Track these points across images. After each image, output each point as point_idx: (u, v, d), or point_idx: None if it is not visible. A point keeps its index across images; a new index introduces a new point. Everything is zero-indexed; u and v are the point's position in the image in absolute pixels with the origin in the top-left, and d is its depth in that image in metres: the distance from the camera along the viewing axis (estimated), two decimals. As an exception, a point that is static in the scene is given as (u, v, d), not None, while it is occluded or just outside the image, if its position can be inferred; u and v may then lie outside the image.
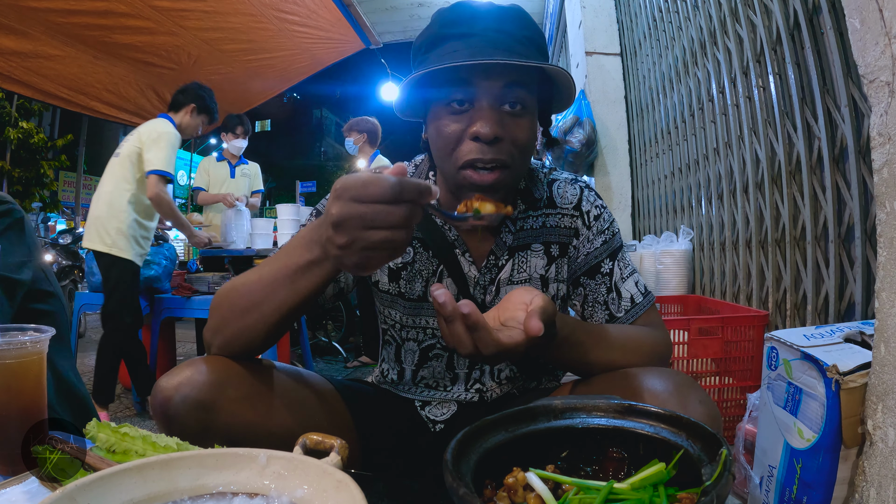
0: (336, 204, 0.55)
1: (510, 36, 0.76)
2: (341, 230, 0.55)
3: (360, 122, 3.68)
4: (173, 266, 2.91)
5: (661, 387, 0.68)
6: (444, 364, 0.92)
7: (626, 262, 0.90)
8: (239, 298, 0.72)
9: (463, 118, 0.77)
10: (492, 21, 0.77)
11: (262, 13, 3.87)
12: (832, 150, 1.34)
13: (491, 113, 0.75)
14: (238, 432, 0.69)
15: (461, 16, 0.78)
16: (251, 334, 0.72)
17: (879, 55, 0.79)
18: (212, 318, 0.75)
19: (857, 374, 0.86)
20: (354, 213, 0.54)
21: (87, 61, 4.07)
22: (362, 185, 0.54)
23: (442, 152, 0.80)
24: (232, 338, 0.73)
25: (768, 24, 1.60)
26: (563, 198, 0.91)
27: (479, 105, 0.76)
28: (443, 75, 0.75)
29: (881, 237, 0.81)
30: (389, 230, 0.55)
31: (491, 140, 0.75)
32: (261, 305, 0.70)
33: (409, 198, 0.55)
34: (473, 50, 0.74)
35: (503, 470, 0.48)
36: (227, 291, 0.75)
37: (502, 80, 0.75)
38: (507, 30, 0.77)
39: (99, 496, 0.39)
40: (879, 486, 0.81)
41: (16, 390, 0.65)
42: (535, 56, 0.78)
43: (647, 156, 2.99)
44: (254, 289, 0.71)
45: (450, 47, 0.77)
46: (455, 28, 0.77)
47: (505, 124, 0.76)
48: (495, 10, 0.78)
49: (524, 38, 0.77)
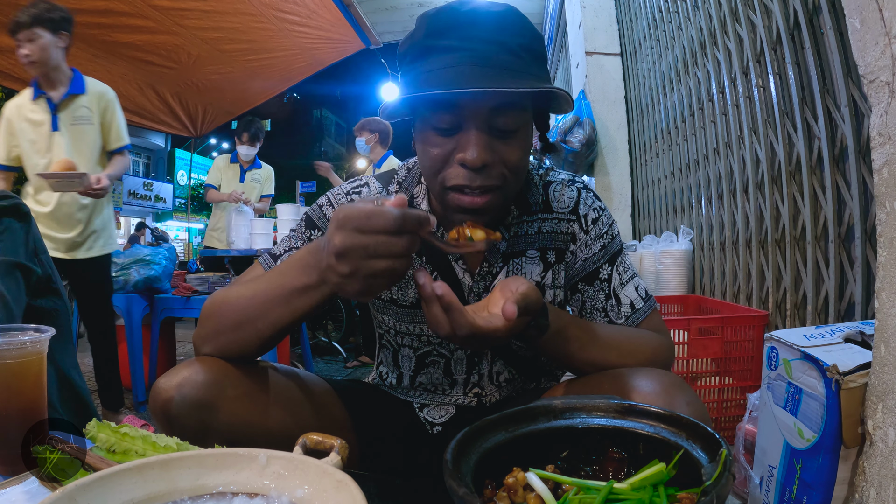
0: (339, 234, 0.56)
1: (502, 47, 0.71)
2: (344, 260, 0.56)
3: (371, 121, 3.64)
4: (173, 266, 2.91)
5: (649, 387, 0.68)
6: (441, 370, 0.91)
7: (625, 265, 0.87)
8: (232, 313, 0.72)
9: (450, 140, 0.73)
10: (482, 31, 0.71)
11: (262, 13, 3.87)
12: (832, 150, 1.34)
13: (479, 138, 0.71)
14: (238, 432, 0.69)
15: (447, 24, 0.72)
16: (245, 345, 0.72)
17: (879, 55, 0.79)
18: (202, 326, 0.74)
19: (857, 374, 0.86)
20: (358, 244, 0.55)
21: (87, 60, 4.07)
22: (366, 217, 0.55)
23: (429, 171, 0.77)
24: (225, 347, 0.73)
25: (768, 24, 1.60)
26: (559, 201, 0.88)
27: (466, 129, 0.72)
28: (428, 94, 0.71)
29: (881, 237, 0.81)
30: (391, 259, 0.56)
31: (479, 167, 0.71)
32: (255, 322, 0.70)
33: (410, 229, 0.56)
34: (459, 69, 0.69)
35: (503, 470, 0.48)
36: (219, 303, 0.74)
37: (491, 103, 0.70)
38: (499, 39, 0.71)
39: (99, 496, 0.39)
40: (879, 486, 0.81)
41: (16, 390, 0.65)
42: (531, 66, 0.73)
43: (647, 156, 2.99)
44: (248, 305, 0.70)
45: (435, 62, 0.71)
46: (441, 39, 0.72)
47: (495, 148, 0.72)
48: (486, 16, 0.71)
49: (518, 46, 0.72)
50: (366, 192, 0.90)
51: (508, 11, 0.74)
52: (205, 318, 0.75)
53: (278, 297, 0.67)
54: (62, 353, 1.22)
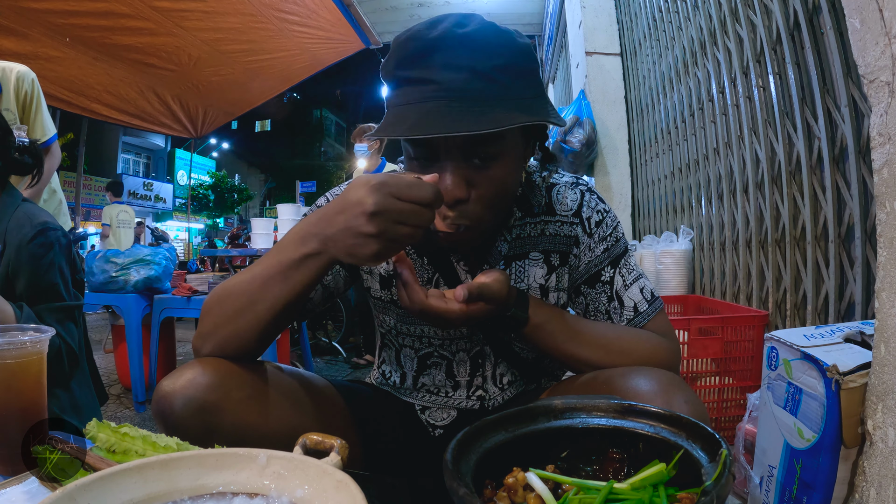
0: (374, 195, 0.59)
1: (473, 74, 0.66)
2: (375, 220, 0.59)
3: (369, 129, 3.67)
4: (173, 266, 2.91)
5: (646, 386, 0.67)
6: (443, 372, 0.91)
7: (630, 267, 0.86)
8: (232, 300, 0.71)
9: (429, 170, 0.72)
10: (451, 57, 0.67)
11: (262, 13, 3.88)
12: (832, 150, 1.34)
13: (453, 173, 0.70)
14: (242, 434, 0.69)
15: (415, 53, 0.68)
16: (245, 335, 0.71)
17: (879, 55, 0.79)
18: (203, 323, 0.74)
19: (857, 374, 0.86)
20: (393, 207, 0.59)
21: (87, 62, 4.08)
22: (407, 186, 0.60)
23: None
24: (224, 341, 0.72)
25: (768, 24, 1.60)
26: (562, 204, 0.87)
27: (442, 162, 0.71)
28: None
29: (881, 237, 0.81)
30: (414, 228, 0.61)
31: (451, 204, 0.70)
32: (255, 305, 0.70)
33: (439, 204, 0.62)
34: (427, 106, 0.66)
35: (503, 470, 0.48)
36: (219, 294, 0.74)
37: (462, 137, 0.68)
38: (470, 65, 0.66)
39: (99, 496, 0.39)
40: (879, 486, 0.81)
41: (16, 390, 0.65)
42: (510, 87, 0.68)
43: (647, 156, 2.99)
44: (247, 289, 0.70)
45: (405, 95, 0.69)
46: (410, 70, 0.69)
47: (472, 180, 0.71)
48: (455, 40, 0.67)
49: (492, 69, 0.67)
50: None
51: (482, 30, 0.69)
52: (206, 311, 0.74)
53: (276, 273, 0.69)
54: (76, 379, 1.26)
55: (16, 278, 1.14)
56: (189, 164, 9.63)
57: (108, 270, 2.63)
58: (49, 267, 1.17)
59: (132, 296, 2.65)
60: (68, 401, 1.23)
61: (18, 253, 1.13)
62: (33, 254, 1.15)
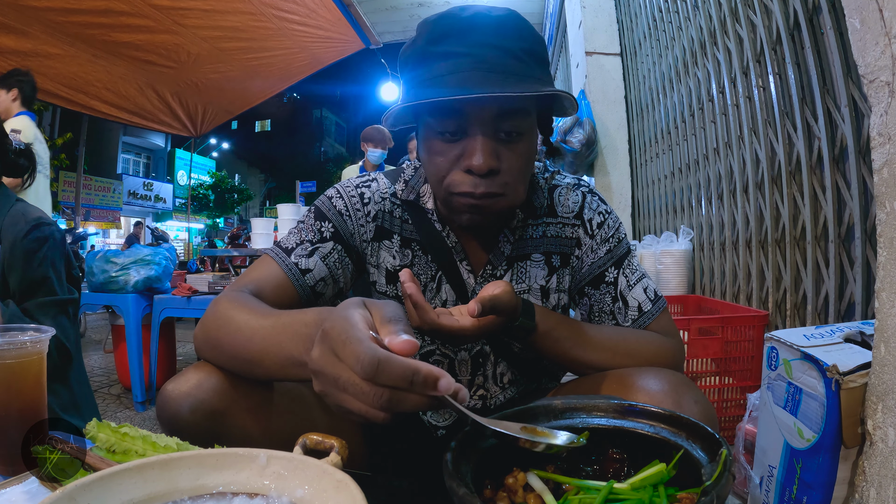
0: (317, 348, 0.47)
1: (504, 51, 0.70)
2: (317, 379, 0.48)
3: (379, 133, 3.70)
4: (173, 266, 2.91)
5: (656, 386, 0.67)
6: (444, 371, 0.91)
7: (633, 267, 0.87)
8: (230, 345, 0.66)
9: (455, 146, 0.73)
10: (483, 35, 0.70)
11: (262, 12, 3.88)
12: (832, 150, 1.34)
13: (484, 144, 0.71)
14: (247, 438, 0.68)
15: (449, 30, 0.71)
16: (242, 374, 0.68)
17: (879, 55, 0.79)
18: (205, 333, 0.70)
19: (857, 374, 0.86)
20: (329, 371, 0.45)
21: (87, 60, 4.08)
22: (342, 343, 0.44)
23: (434, 177, 0.77)
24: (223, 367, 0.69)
25: (768, 24, 1.60)
26: (564, 206, 0.88)
27: (471, 135, 0.72)
28: (433, 101, 0.70)
29: (881, 237, 0.80)
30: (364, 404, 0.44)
31: (485, 173, 0.72)
32: (251, 366, 0.64)
33: (391, 383, 0.42)
34: (463, 75, 0.69)
35: (503, 470, 0.48)
36: (221, 321, 0.68)
37: (496, 108, 0.70)
38: (501, 44, 0.70)
39: (99, 496, 0.39)
40: (879, 486, 0.81)
41: (16, 390, 0.65)
42: (534, 69, 0.72)
43: (647, 156, 2.99)
44: (246, 346, 0.64)
45: (438, 68, 0.71)
46: (442, 45, 0.71)
47: (500, 154, 0.73)
48: (487, 20, 0.71)
49: (520, 50, 0.71)
50: (375, 186, 0.89)
51: (510, 16, 0.73)
52: (207, 328, 0.70)
53: (275, 356, 0.60)
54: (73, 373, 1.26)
55: (10, 274, 1.14)
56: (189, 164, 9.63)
57: (108, 270, 2.63)
58: (42, 261, 1.17)
59: (132, 296, 2.65)
60: (69, 398, 1.23)
61: (13, 249, 1.14)
62: (27, 248, 1.15)
